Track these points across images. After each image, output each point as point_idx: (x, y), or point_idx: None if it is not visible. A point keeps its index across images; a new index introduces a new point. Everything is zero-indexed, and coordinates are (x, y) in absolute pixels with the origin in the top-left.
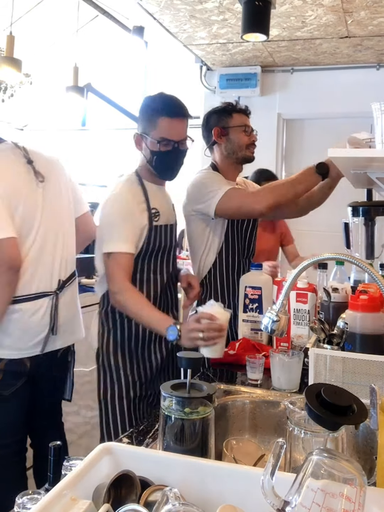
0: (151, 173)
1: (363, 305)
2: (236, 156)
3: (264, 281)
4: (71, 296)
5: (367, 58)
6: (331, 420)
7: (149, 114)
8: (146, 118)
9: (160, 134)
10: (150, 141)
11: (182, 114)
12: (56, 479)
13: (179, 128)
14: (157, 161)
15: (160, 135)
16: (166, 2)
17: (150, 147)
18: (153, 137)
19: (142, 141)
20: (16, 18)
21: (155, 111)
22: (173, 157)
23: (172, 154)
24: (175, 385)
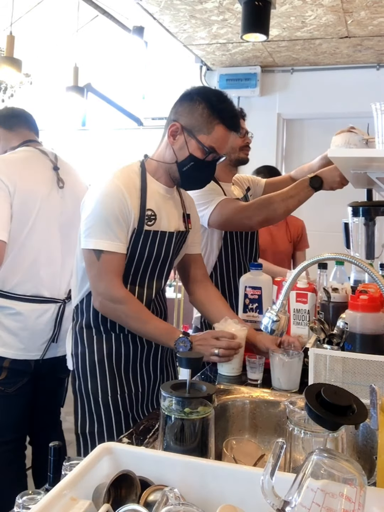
0: (166, 174)
1: (363, 305)
2: (229, 158)
3: (264, 281)
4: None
5: (367, 58)
6: (331, 420)
7: (206, 113)
8: (200, 115)
9: (211, 142)
10: (196, 144)
11: (238, 129)
12: (56, 479)
13: (228, 142)
14: (192, 169)
15: (210, 143)
16: (166, 2)
17: (192, 150)
18: (202, 141)
19: (182, 137)
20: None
21: (216, 114)
22: (209, 171)
23: (210, 167)
24: (175, 385)
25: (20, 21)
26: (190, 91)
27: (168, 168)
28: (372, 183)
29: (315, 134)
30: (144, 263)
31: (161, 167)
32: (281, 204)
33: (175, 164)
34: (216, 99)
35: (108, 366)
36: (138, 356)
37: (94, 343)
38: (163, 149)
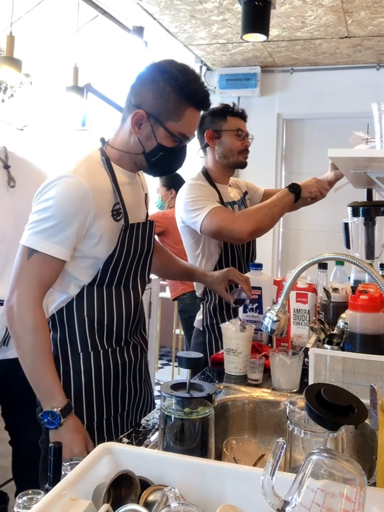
0: (131, 162)
1: (363, 305)
2: (227, 161)
3: (264, 281)
4: None
5: (367, 58)
6: (331, 420)
7: (174, 98)
8: (166, 100)
9: (182, 128)
10: (164, 133)
11: (208, 105)
12: (56, 479)
13: (197, 121)
14: (162, 158)
15: (180, 129)
16: (166, 2)
17: (160, 139)
18: (171, 129)
19: (148, 125)
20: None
21: (185, 97)
22: (181, 155)
23: (182, 152)
24: (175, 385)
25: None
26: (151, 70)
27: (133, 157)
28: (372, 183)
29: (315, 134)
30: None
31: (125, 155)
32: (268, 213)
33: (141, 154)
34: (183, 79)
35: (96, 389)
36: (127, 371)
37: (80, 363)
38: (126, 137)
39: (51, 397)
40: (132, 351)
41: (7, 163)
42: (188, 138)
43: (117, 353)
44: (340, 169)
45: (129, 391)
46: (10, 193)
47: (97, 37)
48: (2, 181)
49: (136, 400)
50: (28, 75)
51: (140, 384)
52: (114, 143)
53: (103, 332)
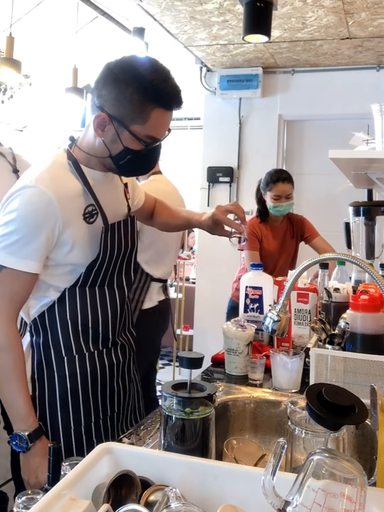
0: (100, 164)
1: (364, 305)
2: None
3: (264, 281)
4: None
5: (368, 59)
6: (332, 420)
7: (137, 100)
8: (129, 102)
9: (149, 131)
10: (129, 137)
11: (180, 103)
12: (55, 479)
13: (169, 121)
14: (130, 161)
15: (148, 132)
16: (166, 4)
17: (126, 143)
18: (137, 132)
19: (112, 128)
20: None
21: (151, 97)
22: (151, 157)
23: (153, 153)
24: (176, 385)
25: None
26: (113, 68)
27: (101, 160)
28: (372, 183)
29: (315, 135)
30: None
31: (92, 158)
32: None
33: (108, 158)
34: (148, 78)
35: (83, 393)
36: (114, 372)
37: (65, 367)
38: (92, 139)
39: (20, 419)
40: (120, 352)
41: (16, 167)
42: (157, 139)
43: (103, 355)
44: (341, 170)
45: (117, 392)
46: None
47: (97, 38)
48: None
49: (126, 400)
50: (28, 76)
51: (128, 384)
52: (81, 144)
53: (88, 335)
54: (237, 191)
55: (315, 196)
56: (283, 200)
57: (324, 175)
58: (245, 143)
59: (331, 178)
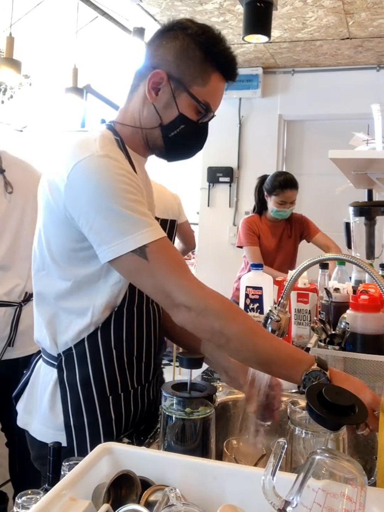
0: (143, 142)
1: (364, 305)
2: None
3: (264, 281)
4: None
5: (368, 60)
6: (332, 420)
7: (199, 58)
8: (191, 59)
9: (208, 96)
10: (188, 100)
11: (237, 75)
12: (55, 479)
13: (222, 94)
14: (182, 133)
15: (206, 97)
16: (167, 4)
17: (182, 107)
18: (197, 94)
19: (168, 90)
20: (16, 19)
21: (212, 58)
22: (203, 133)
23: (205, 129)
24: (176, 385)
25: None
26: (171, 27)
27: (147, 134)
28: (372, 183)
29: (316, 135)
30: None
31: (137, 133)
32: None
33: (158, 128)
34: (209, 38)
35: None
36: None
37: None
38: (138, 108)
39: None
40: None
41: (2, 166)
42: (212, 112)
43: (144, 390)
44: (341, 170)
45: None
46: (7, 199)
47: (97, 38)
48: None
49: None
50: (28, 76)
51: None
52: (124, 118)
53: (133, 366)
54: (237, 191)
55: (315, 196)
56: (288, 205)
57: (324, 175)
58: (245, 143)
59: (331, 178)
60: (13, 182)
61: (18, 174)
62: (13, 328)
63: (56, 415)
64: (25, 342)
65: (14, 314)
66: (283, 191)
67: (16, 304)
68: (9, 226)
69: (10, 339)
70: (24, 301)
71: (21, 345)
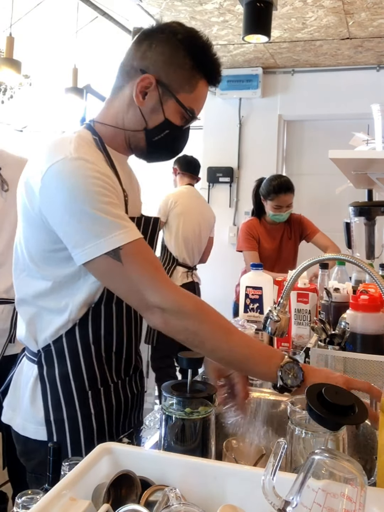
0: (125, 142)
1: (364, 305)
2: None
3: (264, 281)
4: None
5: (367, 60)
6: (332, 420)
7: (189, 65)
8: (181, 66)
9: (193, 103)
10: (175, 106)
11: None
12: (55, 479)
13: (204, 102)
14: (166, 138)
15: (192, 104)
16: (166, 4)
17: (168, 113)
18: (184, 101)
19: (156, 95)
20: (16, 20)
21: (200, 66)
22: (185, 137)
23: (187, 134)
24: (176, 385)
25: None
26: (162, 30)
27: (130, 135)
28: (372, 183)
29: (315, 135)
30: None
31: (119, 134)
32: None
33: (142, 131)
34: (199, 45)
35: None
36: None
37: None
38: (123, 109)
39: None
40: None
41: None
42: (195, 117)
43: (126, 384)
44: (341, 170)
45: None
46: (3, 198)
47: (97, 38)
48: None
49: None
50: (28, 76)
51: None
52: (105, 118)
53: (112, 361)
54: (237, 191)
55: (315, 196)
56: (284, 209)
57: (324, 175)
58: (245, 143)
59: (331, 178)
60: (9, 179)
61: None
62: (13, 325)
63: (37, 410)
64: None
65: (13, 310)
66: (278, 196)
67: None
68: (6, 223)
69: (11, 336)
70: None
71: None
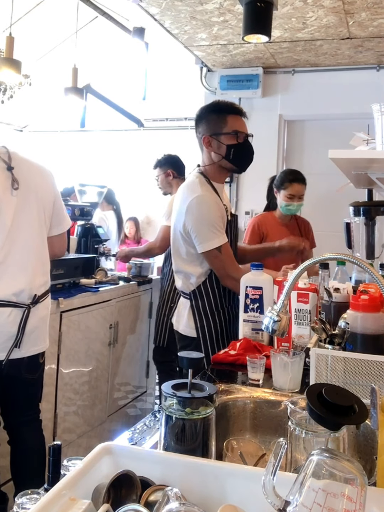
0: (219, 172)
1: (364, 305)
2: (224, 166)
3: (265, 281)
4: (42, 311)
5: (368, 59)
6: (332, 420)
7: (217, 114)
8: (213, 118)
9: (232, 127)
10: (224, 136)
11: (244, 114)
12: (55, 479)
13: (243, 121)
14: (235, 152)
15: (232, 128)
16: (167, 4)
17: (225, 141)
18: (226, 131)
19: (212, 141)
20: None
21: (223, 110)
22: (248, 148)
23: (247, 145)
24: (176, 385)
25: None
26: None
27: (220, 164)
28: (372, 183)
29: (316, 135)
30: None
31: (216, 167)
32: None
33: (223, 159)
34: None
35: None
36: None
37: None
38: (208, 156)
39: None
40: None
41: (11, 164)
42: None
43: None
44: (341, 170)
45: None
46: (14, 195)
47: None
48: (7, 183)
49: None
50: (28, 76)
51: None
52: (205, 165)
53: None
54: (237, 191)
55: (315, 196)
56: (296, 200)
57: (324, 175)
58: None
59: (331, 178)
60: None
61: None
62: (20, 330)
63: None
64: (30, 342)
65: (22, 316)
66: (292, 184)
67: (24, 306)
68: (19, 222)
69: (17, 341)
70: (33, 303)
71: (26, 345)
